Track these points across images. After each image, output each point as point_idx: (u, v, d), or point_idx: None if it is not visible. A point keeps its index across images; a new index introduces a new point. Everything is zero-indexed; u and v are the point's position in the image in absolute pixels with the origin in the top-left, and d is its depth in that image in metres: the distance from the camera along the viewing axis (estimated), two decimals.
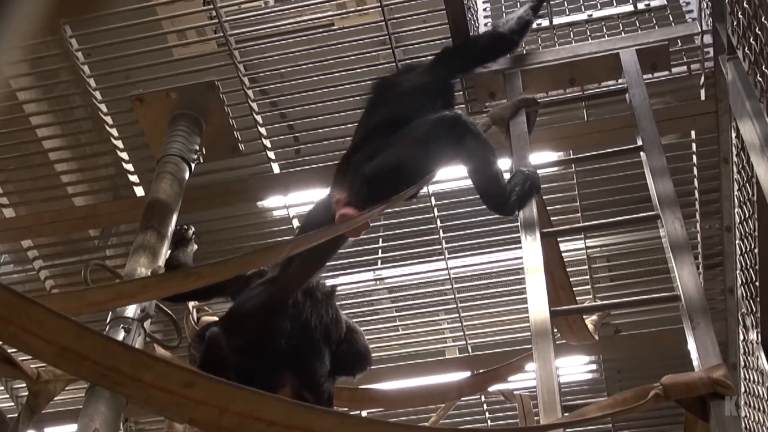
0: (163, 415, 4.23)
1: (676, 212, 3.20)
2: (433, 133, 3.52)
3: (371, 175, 3.39)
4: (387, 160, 3.46)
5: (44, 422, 5.85)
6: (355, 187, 3.35)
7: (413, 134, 3.55)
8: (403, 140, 3.55)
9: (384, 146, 3.52)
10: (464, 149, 3.50)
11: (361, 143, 3.65)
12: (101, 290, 2.89)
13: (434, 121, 3.54)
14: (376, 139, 3.59)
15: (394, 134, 3.57)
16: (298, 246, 3.07)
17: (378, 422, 2.66)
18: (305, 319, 3.40)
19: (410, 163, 3.45)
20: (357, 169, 3.42)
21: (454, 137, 3.48)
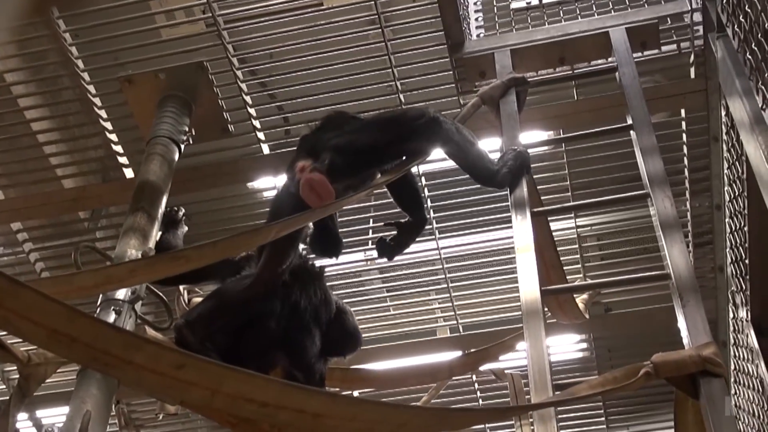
0: (154, 397, 4.23)
1: (666, 191, 3.20)
2: (406, 119, 3.50)
3: (341, 145, 3.35)
4: (358, 135, 3.45)
5: (36, 405, 5.85)
6: (322, 155, 3.31)
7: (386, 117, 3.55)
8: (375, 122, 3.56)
9: (353, 127, 3.52)
10: (439, 136, 3.48)
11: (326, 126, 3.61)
12: (89, 274, 2.89)
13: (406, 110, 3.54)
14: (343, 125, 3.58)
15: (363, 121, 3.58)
16: (285, 228, 3.07)
17: (369, 402, 2.66)
18: (294, 301, 3.40)
19: (381, 142, 3.42)
20: (325, 142, 3.39)
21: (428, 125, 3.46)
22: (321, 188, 3.18)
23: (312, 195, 3.18)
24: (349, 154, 3.33)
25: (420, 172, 5.18)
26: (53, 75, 4.95)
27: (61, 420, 2.78)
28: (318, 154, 3.32)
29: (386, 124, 3.50)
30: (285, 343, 3.32)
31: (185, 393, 2.34)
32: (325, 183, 3.18)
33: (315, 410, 2.36)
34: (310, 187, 3.18)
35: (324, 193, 3.18)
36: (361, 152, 3.37)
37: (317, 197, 3.18)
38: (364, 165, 3.37)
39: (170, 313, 3.61)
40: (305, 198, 3.19)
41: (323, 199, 3.18)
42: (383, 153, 3.43)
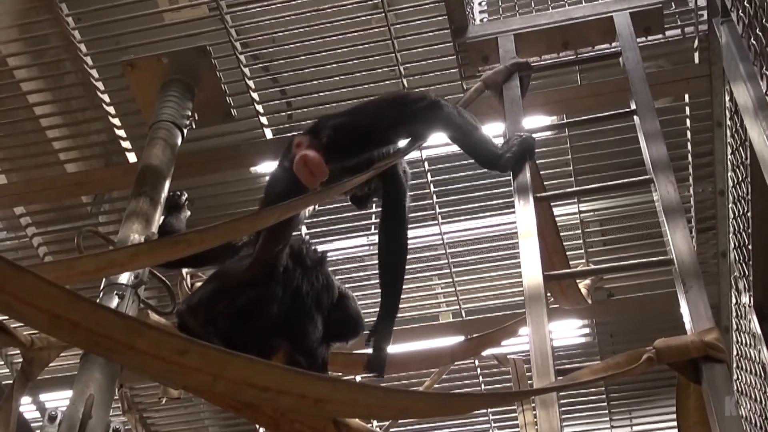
0: (157, 382, 4.24)
1: (670, 176, 3.19)
2: (407, 101, 3.48)
3: (340, 125, 3.34)
4: (358, 116, 3.44)
5: (39, 389, 5.87)
6: (319, 133, 3.30)
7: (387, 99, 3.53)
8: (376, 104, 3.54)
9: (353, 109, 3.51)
10: (440, 119, 3.46)
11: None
12: (91, 259, 2.88)
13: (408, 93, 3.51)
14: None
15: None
16: (287, 212, 3.07)
17: (371, 387, 2.66)
18: (297, 286, 3.40)
19: (381, 123, 3.39)
20: (325, 122, 3.39)
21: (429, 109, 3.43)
22: (315, 166, 3.17)
23: (305, 172, 3.18)
24: (348, 134, 3.32)
25: (423, 156, 5.18)
26: (56, 59, 4.94)
27: (64, 404, 2.79)
28: (318, 132, 3.32)
29: (387, 106, 3.48)
30: (287, 328, 3.32)
31: (188, 378, 2.34)
32: (319, 161, 3.17)
33: (317, 395, 2.36)
34: (304, 163, 3.18)
35: (317, 172, 3.17)
36: (361, 133, 3.35)
37: (310, 175, 3.17)
38: (363, 146, 3.35)
39: (173, 297, 3.61)
40: (298, 174, 3.19)
41: (316, 177, 3.17)
42: (383, 135, 3.41)
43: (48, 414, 2.62)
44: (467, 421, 6.23)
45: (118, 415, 5.10)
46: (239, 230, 3.13)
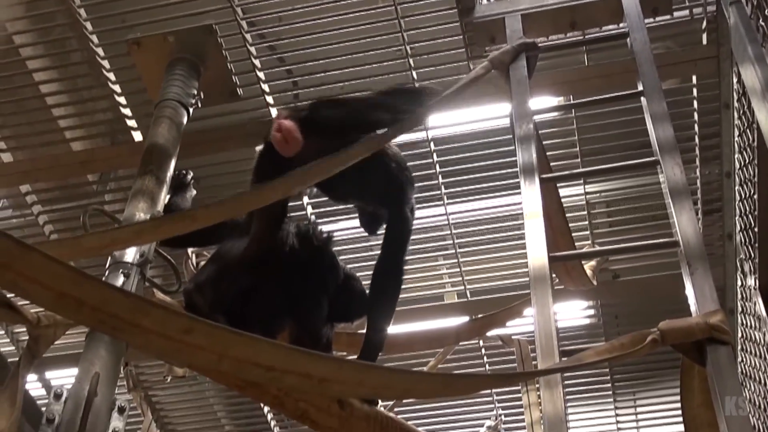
0: (162, 360, 4.25)
1: (676, 158, 3.18)
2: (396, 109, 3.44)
3: (324, 104, 3.38)
4: (345, 103, 3.47)
5: (45, 366, 5.89)
6: (300, 110, 3.33)
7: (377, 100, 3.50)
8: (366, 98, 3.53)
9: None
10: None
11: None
12: (96, 236, 2.89)
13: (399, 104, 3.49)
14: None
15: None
16: (289, 187, 3.07)
17: (376, 367, 2.67)
18: (302, 266, 3.41)
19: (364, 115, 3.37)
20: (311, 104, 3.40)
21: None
22: (288, 134, 3.20)
23: (280, 139, 3.20)
24: (326, 112, 3.34)
25: (429, 137, 5.17)
26: (61, 37, 4.94)
27: (69, 381, 2.79)
28: (299, 109, 3.35)
29: (376, 105, 3.45)
30: (292, 308, 3.33)
31: (193, 357, 2.35)
32: (293, 130, 3.20)
33: (321, 375, 2.37)
34: (278, 129, 3.21)
35: (291, 140, 3.20)
36: (340, 115, 3.35)
37: (284, 143, 3.20)
38: (340, 129, 3.33)
39: (178, 276, 3.61)
40: (273, 142, 3.22)
41: (290, 145, 3.19)
42: (363, 125, 3.38)
43: (54, 391, 2.62)
44: (471, 401, 6.25)
45: (123, 393, 5.13)
46: (244, 205, 3.13)
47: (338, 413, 3.11)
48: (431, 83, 4.82)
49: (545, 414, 2.57)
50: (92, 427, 2.55)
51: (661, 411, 6.19)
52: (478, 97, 4.59)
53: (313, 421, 3.13)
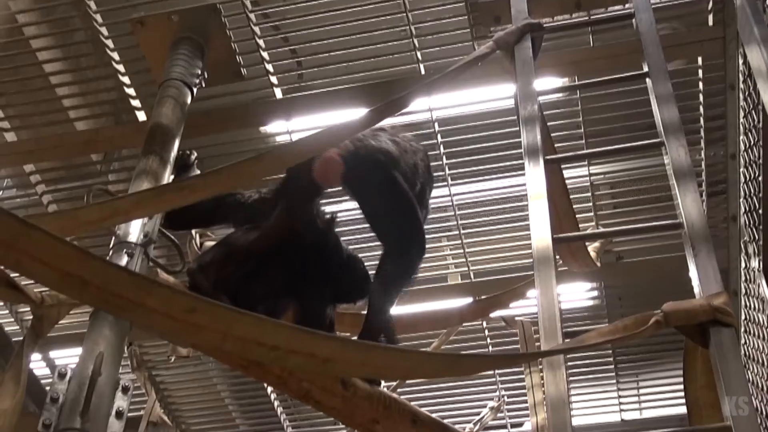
0: (166, 340, 4.26)
1: (681, 139, 3.17)
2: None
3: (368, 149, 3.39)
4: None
5: (49, 346, 5.91)
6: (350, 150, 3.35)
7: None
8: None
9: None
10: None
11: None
12: (95, 208, 2.88)
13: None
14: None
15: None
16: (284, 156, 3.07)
17: (379, 347, 2.68)
18: (306, 246, 3.41)
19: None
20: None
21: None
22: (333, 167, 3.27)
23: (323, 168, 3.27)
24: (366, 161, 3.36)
25: (433, 118, 5.16)
26: (65, 16, 4.92)
27: (74, 361, 2.80)
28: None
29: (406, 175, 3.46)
30: (296, 289, 3.33)
31: (196, 336, 2.36)
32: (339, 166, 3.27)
33: (325, 355, 2.37)
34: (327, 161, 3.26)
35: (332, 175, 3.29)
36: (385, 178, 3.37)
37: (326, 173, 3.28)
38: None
39: (182, 256, 3.61)
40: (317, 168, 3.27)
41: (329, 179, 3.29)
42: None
43: (58, 371, 2.63)
44: (474, 382, 6.26)
45: (127, 373, 5.15)
46: (243, 175, 3.11)
47: (341, 393, 3.12)
48: (436, 63, 4.83)
49: (548, 395, 2.57)
50: (96, 406, 2.55)
51: (663, 393, 6.21)
52: (483, 77, 4.58)
53: (316, 401, 3.14)
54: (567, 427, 2.46)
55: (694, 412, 2.75)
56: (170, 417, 6.30)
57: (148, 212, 3.23)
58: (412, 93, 3.52)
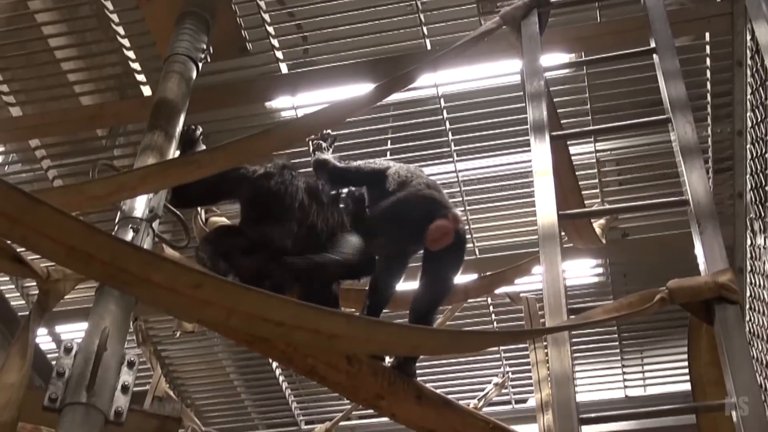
0: (172, 315, 4.27)
1: (688, 116, 3.16)
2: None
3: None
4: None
5: (55, 320, 5.93)
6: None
7: None
8: None
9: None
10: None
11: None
12: (101, 183, 2.88)
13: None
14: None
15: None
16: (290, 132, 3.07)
17: (384, 323, 2.68)
18: (312, 222, 3.41)
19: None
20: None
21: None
22: (445, 239, 3.41)
23: (440, 234, 3.41)
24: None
25: (439, 93, 5.14)
26: None
27: (79, 335, 2.81)
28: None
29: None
30: (301, 264, 3.33)
31: (202, 312, 2.36)
32: (448, 240, 3.42)
33: (330, 331, 2.38)
34: (446, 232, 3.41)
35: (442, 242, 3.42)
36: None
37: (440, 240, 3.42)
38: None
39: (187, 232, 3.62)
40: (436, 228, 3.40)
41: (441, 243, 3.42)
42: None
43: (64, 345, 2.63)
44: (479, 358, 6.27)
45: (132, 348, 5.17)
46: (249, 150, 3.12)
47: (346, 369, 3.13)
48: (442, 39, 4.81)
49: (552, 371, 2.58)
50: (102, 381, 2.56)
51: (668, 369, 6.21)
52: (489, 53, 4.56)
53: (321, 377, 3.15)
54: (571, 403, 2.47)
55: (698, 389, 2.76)
56: (175, 391, 6.32)
57: (155, 187, 3.23)
58: (418, 69, 3.51)
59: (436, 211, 3.45)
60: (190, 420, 5.33)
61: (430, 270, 3.55)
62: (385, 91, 3.36)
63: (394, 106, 5.35)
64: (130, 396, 2.62)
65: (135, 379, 2.68)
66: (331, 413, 6.34)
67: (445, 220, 3.42)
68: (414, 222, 3.44)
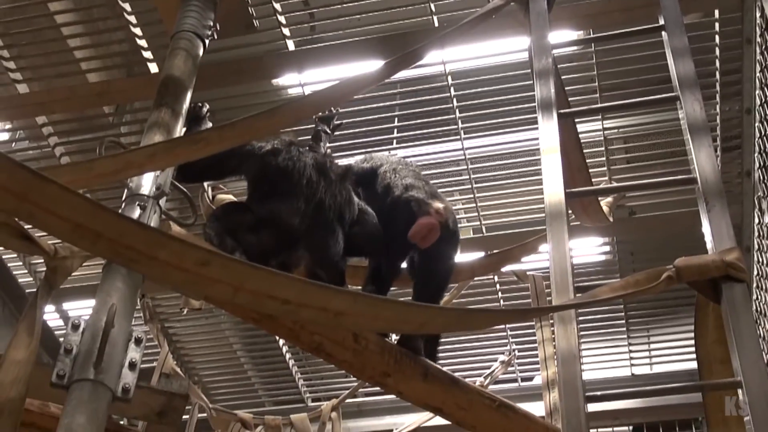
0: (179, 292, 4.28)
1: (696, 94, 3.15)
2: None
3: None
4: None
5: (62, 297, 5.95)
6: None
7: None
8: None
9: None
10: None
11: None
12: (109, 160, 2.88)
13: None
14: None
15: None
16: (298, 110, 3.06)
17: (391, 301, 2.68)
18: (319, 199, 3.40)
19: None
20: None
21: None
22: (431, 235, 3.41)
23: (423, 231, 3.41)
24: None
25: (446, 71, 5.13)
26: None
27: (87, 312, 2.81)
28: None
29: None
30: (308, 241, 3.33)
31: (209, 289, 2.37)
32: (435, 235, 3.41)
33: (337, 308, 2.38)
34: (429, 228, 3.41)
35: (429, 239, 3.41)
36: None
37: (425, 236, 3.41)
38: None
39: (194, 209, 3.61)
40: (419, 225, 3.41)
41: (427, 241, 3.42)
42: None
43: (71, 322, 2.64)
44: (485, 336, 6.29)
45: (140, 325, 5.18)
46: (258, 128, 3.11)
47: (353, 346, 3.13)
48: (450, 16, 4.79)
49: (559, 349, 2.58)
50: (109, 357, 2.56)
51: (674, 348, 6.22)
52: (497, 30, 4.54)
53: (327, 354, 3.16)
54: (577, 381, 2.47)
55: (704, 367, 2.76)
56: (182, 368, 6.34)
57: (162, 165, 3.22)
58: (425, 46, 3.50)
59: (416, 211, 3.46)
60: (197, 397, 5.35)
61: (427, 262, 3.58)
62: (392, 68, 3.35)
63: (401, 83, 5.33)
64: (138, 373, 2.63)
65: (142, 356, 2.69)
66: (337, 390, 6.37)
67: (426, 217, 3.43)
68: (398, 232, 3.47)
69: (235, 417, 5.29)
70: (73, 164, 4.00)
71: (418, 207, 3.48)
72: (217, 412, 5.34)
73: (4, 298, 5.41)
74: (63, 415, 2.40)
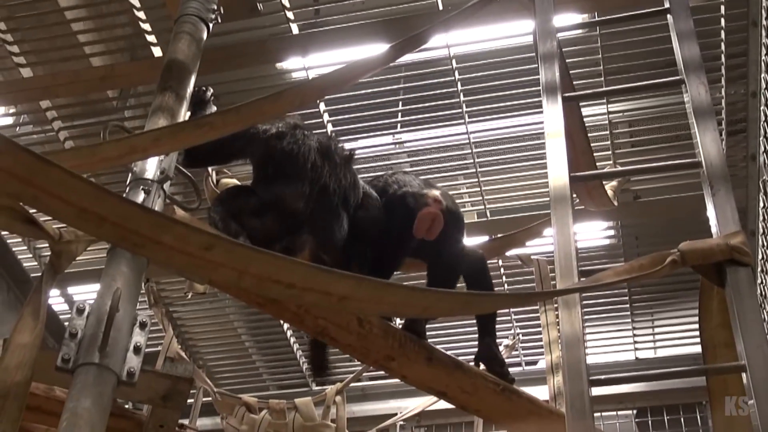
0: (183, 276, 4.28)
1: (701, 77, 3.14)
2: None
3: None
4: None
5: (67, 282, 5.96)
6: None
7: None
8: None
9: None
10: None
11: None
12: (113, 145, 2.88)
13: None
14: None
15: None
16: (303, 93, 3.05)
17: (395, 285, 2.68)
18: (324, 183, 3.40)
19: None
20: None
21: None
22: (435, 225, 3.37)
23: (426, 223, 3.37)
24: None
25: (451, 54, 5.11)
26: None
27: (92, 297, 2.82)
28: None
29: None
30: (313, 225, 3.33)
31: (213, 273, 2.36)
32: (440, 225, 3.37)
33: (341, 293, 2.38)
34: (432, 219, 3.36)
35: (434, 229, 3.38)
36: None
37: (429, 228, 3.37)
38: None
39: (199, 193, 3.61)
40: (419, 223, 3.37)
41: (432, 232, 3.38)
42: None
43: (76, 306, 2.64)
44: None
45: (144, 309, 5.19)
46: (262, 112, 3.11)
47: (357, 330, 3.13)
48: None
49: (563, 333, 2.58)
50: (114, 341, 2.56)
51: (678, 331, 6.22)
52: (501, 13, 4.53)
53: (332, 338, 3.16)
54: (581, 364, 2.47)
55: (708, 351, 2.76)
56: (187, 353, 6.36)
57: (167, 149, 3.22)
58: (430, 29, 3.49)
59: (413, 205, 3.43)
60: (202, 381, 5.36)
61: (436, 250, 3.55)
62: (396, 52, 3.34)
63: (405, 67, 5.32)
64: (143, 357, 2.63)
65: (147, 340, 2.69)
66: (341, 374, 6.37)
67: (426, 208, 3.40)
68: (401, 230, 3.45)
69: (239, 401, 5.30)
70: (77, 148, 3.99)
71: (415, 200, 3.45)
72: (221, 396, 5.35)
73: (9, 282, 5.42)
74: (68, 399, 2.40)
